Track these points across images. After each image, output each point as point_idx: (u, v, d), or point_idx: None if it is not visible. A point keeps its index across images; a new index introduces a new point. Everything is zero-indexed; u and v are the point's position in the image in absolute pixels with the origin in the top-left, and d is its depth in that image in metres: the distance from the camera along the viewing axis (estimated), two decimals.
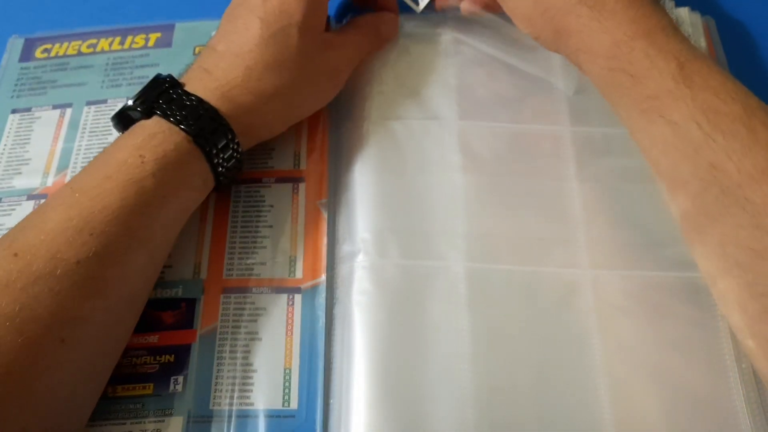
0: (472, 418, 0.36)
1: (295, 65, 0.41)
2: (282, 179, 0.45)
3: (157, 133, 0.37)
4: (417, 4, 0.49)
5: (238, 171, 0.42)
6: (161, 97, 0.38)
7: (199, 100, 0.38)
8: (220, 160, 0.39)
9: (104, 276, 0.34)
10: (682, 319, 0.39)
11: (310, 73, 0.42)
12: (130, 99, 0.39)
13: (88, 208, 0.34)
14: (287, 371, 0.39)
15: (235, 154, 0.40)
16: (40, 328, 0.31)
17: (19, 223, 0.35)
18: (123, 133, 0.39)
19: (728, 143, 0.33)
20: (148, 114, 0.38)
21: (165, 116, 0.38)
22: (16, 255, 0.32)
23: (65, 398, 0.34)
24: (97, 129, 0.48)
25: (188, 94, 0.39)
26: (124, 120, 0.40)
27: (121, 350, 0.38)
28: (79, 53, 0.52)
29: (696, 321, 0.39)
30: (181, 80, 0.40)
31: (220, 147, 0.39)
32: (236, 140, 0.39)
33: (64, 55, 0.52)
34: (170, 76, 0.40)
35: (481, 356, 0.38)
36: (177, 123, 0.37)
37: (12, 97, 0.50)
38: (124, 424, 0.37)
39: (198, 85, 0.39)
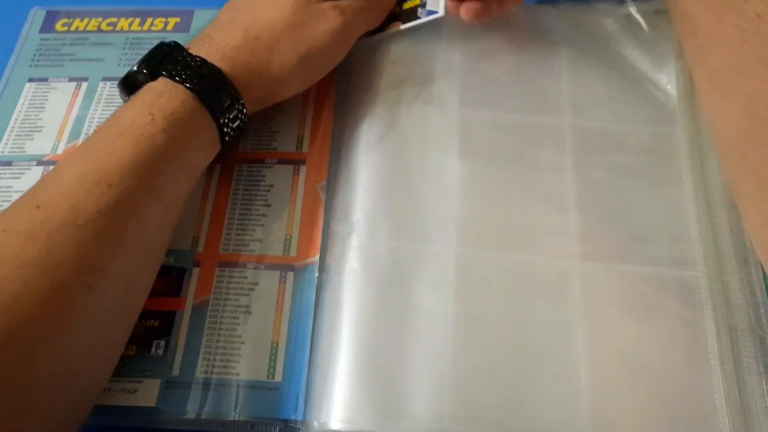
0: (450, 401, 0.37)
1: (288, 24, 0.43)
2: (284, 161, 0.46)
3: (163, 92, 0.39)
4: (437, 13, 0.48)
5: (240, 135, 0.43)
6: (166, 59, 0.40)
7: (203, 61, 0.40)
8: (226, 120, 0.41)
9: (123, 226, 0.35)
10: (670, 316, 0.39)
11: (306, 30, 0.43)
12: (135, 65, 0.40)
13: (104, 161, 0.36)
14: (274, 345, 0.40)
15: (240, 115, 0.41)
16: (66, 274, 0.32)
17: (37, 182, 0.36)
18: (129, 97, 0.40)
19: None
20: (153, 76, 0.40)
21: (170, 76, 0.39)
22: (38, 207, 0.34)
23: (91, 345, 0.35)
24: (111, 104, 0.49)
25: (192, 55, 0.40)
26: (130, 85, 0.41)
27: (142, 303, 0.39)
28: (99, 30, 0.53)
29: (684, 319, 0.39)
30: (186, 46, 0.42)
31: (225, 106, 0.40)
32: (241, 100, 0.41)
33: (84, 30, 0.54)
34: (174, 42, 0.42)
35: (464, 340, 0.38)
36: (182, 82, 0.39)
37: (30, 66, 0.52)
38: None
39: (201, 49, 0.41)
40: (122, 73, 0.49)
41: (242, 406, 0.38)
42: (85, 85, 0.50)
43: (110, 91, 0.50)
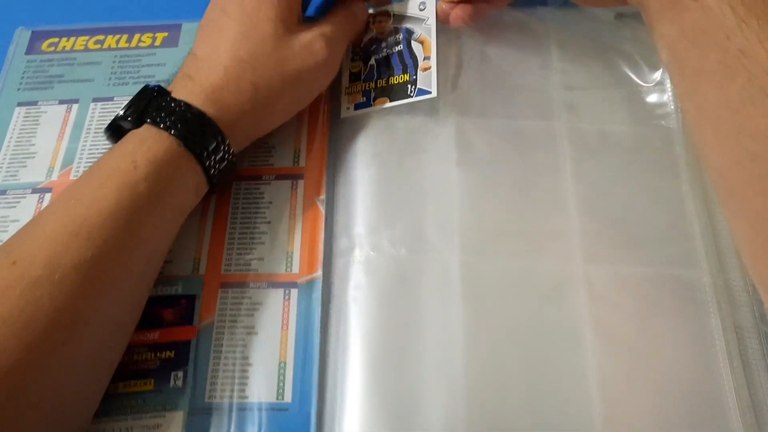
0: (463, 411, 0.37)
1: (271, 58, 0.42)
2: (281, 176, 0.46)
3: (147, 139, 0.38)
4: (429, 93, 0.45)
5: (231, 172, 0.43)
6: (150, 105, 0.39)
7: (187, 105, 0.39)
8: (212, 163, 0.40)
9: (102, 278, 0.35)
10: (675, 316, 0.40)
11: (291, 64, 0.42)
12: (121, 110, 0.40)
13: (83, 213, 0.35)
14: (282, 365, 0.39)
15: (227, 155, 0.41)
16: (41, 332, 0.32)
17: (17, 232, 0.36)
18: (116, 143, 0.39)
19: (762, 29, 0.32)
20: (138, 123, 0.39)
21: (155, 123, 0.38)
22: (14, 263, 0.33)
23: (69, 398, 0.34)
24: (102, 126, 0.47)
25: (176, 100, 0.39)
26: (116, 131, 0.40)
27: (123, 349, 0.38)
28: (87, 49, 0.52)
29: (689, 318, 0.39)
30: (169, 89, 0.41)
31: (210, 149, 0.39)
32: (227, 142, 0.40)
33: (71, 50, 0.52)
34: (159, 86, 0.41)
35: (474, 349, 0.39)
36: (166, 129, 0.38)
37: (18, 89, 0.51)
38: (125, 420, 0.38)
39: (183, 92, 0.40)
40: (112, 92, 0.50)
41: (264, 428, 0.38)
42: (75, 107, 0.49)
43: (101, 113, 0.49)
